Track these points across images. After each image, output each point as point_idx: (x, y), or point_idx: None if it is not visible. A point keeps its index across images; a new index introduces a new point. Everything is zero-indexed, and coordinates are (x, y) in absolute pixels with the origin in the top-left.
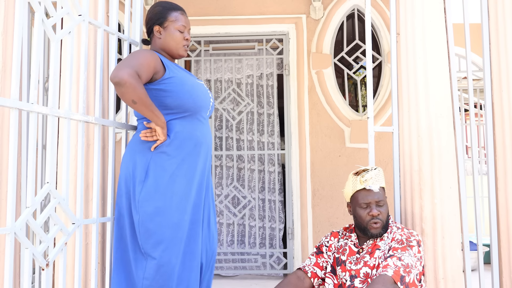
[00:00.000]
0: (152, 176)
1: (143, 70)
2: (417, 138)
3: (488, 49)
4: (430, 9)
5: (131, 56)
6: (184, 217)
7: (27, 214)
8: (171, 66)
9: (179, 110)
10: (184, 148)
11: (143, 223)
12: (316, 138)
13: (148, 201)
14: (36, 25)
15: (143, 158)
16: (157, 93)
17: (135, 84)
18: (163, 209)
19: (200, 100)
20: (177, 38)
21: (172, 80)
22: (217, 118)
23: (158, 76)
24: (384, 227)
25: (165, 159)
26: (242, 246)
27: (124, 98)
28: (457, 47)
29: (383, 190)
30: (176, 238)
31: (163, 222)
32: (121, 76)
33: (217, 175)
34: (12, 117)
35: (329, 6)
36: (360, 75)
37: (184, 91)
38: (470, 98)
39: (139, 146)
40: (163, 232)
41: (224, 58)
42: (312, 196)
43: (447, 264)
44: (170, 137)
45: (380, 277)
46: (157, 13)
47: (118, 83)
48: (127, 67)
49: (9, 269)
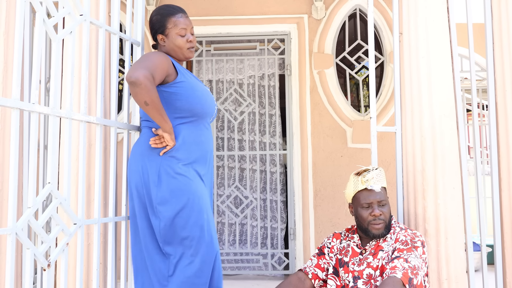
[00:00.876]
0: (165, 180)
1: (157, 72)
2: (420, 138)
3: (492, 49)
4: (433, 8)
5: (146, 58)
6: (204, 215)
7: (28, 214)
8: (182, 70)
9: (188, 114)
10: (192, 153)
11: (165, 227)
12: (318, 139)
13: (165, 205)
14: (37, 25)
15: (153, 163)
16: (168, 95)
17: (150, 86)
18: (181, 211)
19: (208, 106)
20: (180, 43)
21: (184, 84)
22: (219, 119)
23: (170, 79)
24: (386, 227)
25: (175, 163)
26: (244, 247)
27: (137, 98)
28: (460, 47)
29: (384, 190)
30: (195, 238)
31: (181, 223)
32: (137, 76)
33: (219, 175)
34: (13, 117)
35: (331, 6)
36: (362, 75)
37: (194, 96)
38: (474, 98)
39: (148, 151)
40: (182, 233)
41: (226, 59)
42: (314, 196)
43: (451, 265)
44: (178, 142)
45: (389, 278)
46: (157, 22)
47: (134, 83)
48: (143, 68)
49: (10, 269)
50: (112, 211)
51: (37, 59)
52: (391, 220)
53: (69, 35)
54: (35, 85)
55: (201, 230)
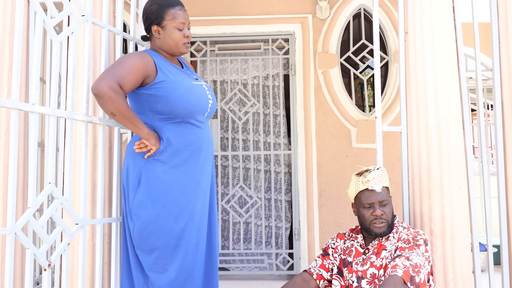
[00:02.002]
0: (145, 184)
1: (128, 78)
2: (426, 138)
3: (498, 48)
4: (439, 7)
5: (117, 63)
6: (180, 224)
7: (28, 214)
8: (164, 68)
9: (171, 115)
10: (179, 154)
11: (138, 231)
12: (322, 138)
13: (141, 209)
14: (37, 25)
15: (136, 165)
16: (148, 98)
17: (114, 97)
18: (155, 218)
19: (192, 105)
20: (177, 37)
21: (164, 84)
22: (224, 119)
23: (150, 80)
24: (389, 226)
25: (158, 166)
26: (248, 247)
27: (103, 109)
28: (465, 47)
29: (386, 189)
30: (169, 246)
31: (155, 230)
32: (100, 88)
33: (223, 175)
34: (13, 117)
35: (335, 6)
36: (367, 75)
37: (175, 96)
38: (479, 98)
39: (134, 151)
40: (155, 240)
41: (230, 59)
42: (319, 196)
43: (457, 265)
44: (164, 144)
45: (390, 278)
46: (153, 12)
47: (97, 95)
48: (109, 77)
49: (9, 269)
50: (116, 211)
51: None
52: (393, 219)
53: (70, 36)
54: (35, 86)
55: (177, 239)
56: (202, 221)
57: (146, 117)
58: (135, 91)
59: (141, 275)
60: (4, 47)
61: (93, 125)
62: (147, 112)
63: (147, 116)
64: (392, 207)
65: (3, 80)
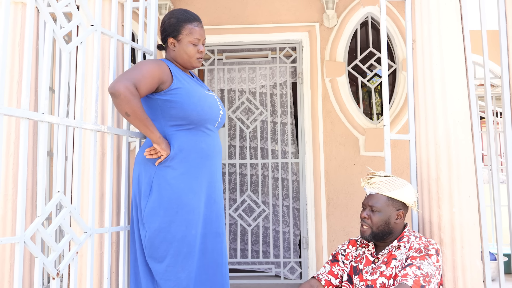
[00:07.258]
0: (156, 191)
1: (144, 82)
2: (435, 146)
3: (506, 56)
4: (447, 15)
5: (134, 67)
6: (192, 231)
7: (37, 223)
8: (180, 76)
9: (184, 121)
10: (189, 160)
11: (150, 239)
12: (330, 147)
13: (153, 216)
14: (47, 35)
15: (147, 173)
16: (162, 103)
17: (130, 97)
18: (167, 224)
19: (205, 113)
20: (191, 52)
21: (179, 91)
22: (231, 128)
23: (165, 86)
24: (374, 234)
25: (169, 173)
26: (256, 255)
27: (118, 109)
28: (473, 54)
29: (387, 199)
30: (181, 254)
31: (167, 237)
32: (117, 88)
33: (231, 182)
34: (23, 127)
35: (342, 14)
36: (374, 83)
37: (189, 103)
38: (488, 105)
39: (145, 159)
40: (167, 247)
41: (238, 67)
42: (327, 205)
43: (467, 275)
44: (174, 150)
45: (400, 286)
46: (171, 25)
47: (113, 94)
48: (126, 79)
49: (18, 277)
50: (124, 220)
51: (46, 69)
52: (384, 231)
53: (80, 45)
54: (44, 95)
55: (188, 246)
56: (208, 228)
57: (158, 123)
58: (149, 96)
59: (151, 284)
60: (14, 56)
61: (102, 134)
62: (160, 119)
63: (159, 122)
64: (384, 219)
65: (12, 89)
